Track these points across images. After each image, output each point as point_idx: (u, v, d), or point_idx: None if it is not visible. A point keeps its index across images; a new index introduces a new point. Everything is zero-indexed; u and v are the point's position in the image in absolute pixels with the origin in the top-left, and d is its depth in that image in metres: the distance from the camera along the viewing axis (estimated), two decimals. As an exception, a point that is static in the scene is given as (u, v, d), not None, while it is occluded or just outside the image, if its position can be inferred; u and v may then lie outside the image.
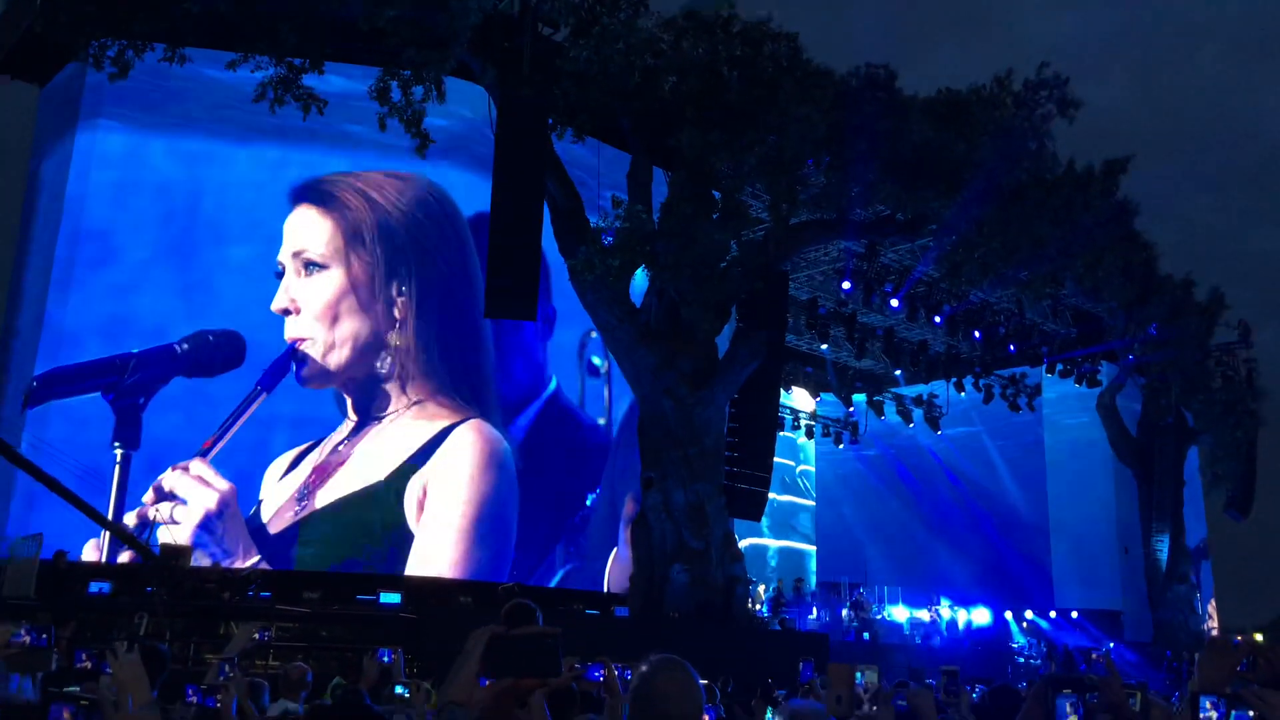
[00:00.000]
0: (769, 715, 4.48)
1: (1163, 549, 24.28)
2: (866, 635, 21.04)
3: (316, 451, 17.57)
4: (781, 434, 26.53)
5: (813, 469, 30.56)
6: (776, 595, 22.21)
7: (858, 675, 3.80)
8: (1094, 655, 20.04)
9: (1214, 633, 25.79)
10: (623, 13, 14.55)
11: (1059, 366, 24.18)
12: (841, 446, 29.61)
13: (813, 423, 29.06)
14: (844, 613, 22.75)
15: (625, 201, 15.45)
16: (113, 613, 11.28)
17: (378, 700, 4.85)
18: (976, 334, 22.41)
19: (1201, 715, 2.68)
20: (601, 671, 4.09)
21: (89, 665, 4.52)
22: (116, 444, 16.76)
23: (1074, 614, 24.73)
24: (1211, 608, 27.23)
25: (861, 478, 30.08)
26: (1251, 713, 2.60)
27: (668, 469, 15.76)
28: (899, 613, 24.14)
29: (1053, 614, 24.84)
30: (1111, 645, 22.28)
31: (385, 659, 5.43)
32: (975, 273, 18.35)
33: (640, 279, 16.26)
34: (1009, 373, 25.87)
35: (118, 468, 16.68)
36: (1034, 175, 16.90)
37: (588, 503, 20.21)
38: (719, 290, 15.57)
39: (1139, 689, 4.81)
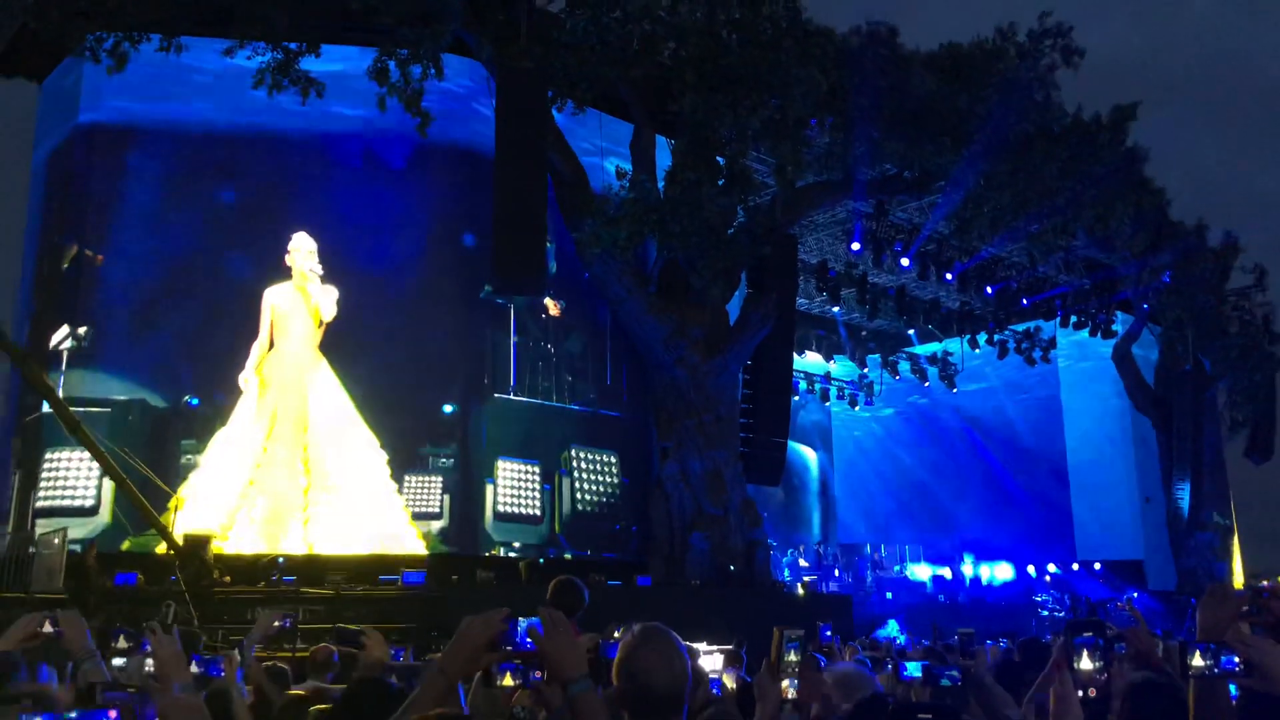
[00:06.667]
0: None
1: (1184, 497, 24.20)
2: (890, 595, 21.09)
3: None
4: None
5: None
6: (797, 559, 22.27)
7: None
8: (1118, 604, 20.07)
9: (1239, 579, 25.77)
10: (618, -21, 14.43)
11: (1073, 318, 24.01)
12: (857, 409, 29.56)
13: (827, 385, 29.00)
14: (867, 574, 22.81)
15: (629, 171, 15.36)
16: (140, 602, 11.39)
17: None
18: (989, 289, 22.27)
19: (1192, 662, 2.67)
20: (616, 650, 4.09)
21: (127, 645, 4.50)
22: None
23: (1096, 565, 24.72)
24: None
25: (878, 439, 30.03)
26: (1237, 658, 2.59)
27: (683, 437, 15.77)
28: (921, 571, 24.17)
29: (1075, 566, 24.83)
30: (1135, 595, 22.28)
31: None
32: (985, 228, 18.21)
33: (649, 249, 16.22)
34: (1023, 327, 25.71)
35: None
36: (1041, 126, 16.72)
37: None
38: (727, 257, 15.50)
39: (1161, 639, 4.79)
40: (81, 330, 16.44)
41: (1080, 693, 3.13)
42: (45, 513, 15.91)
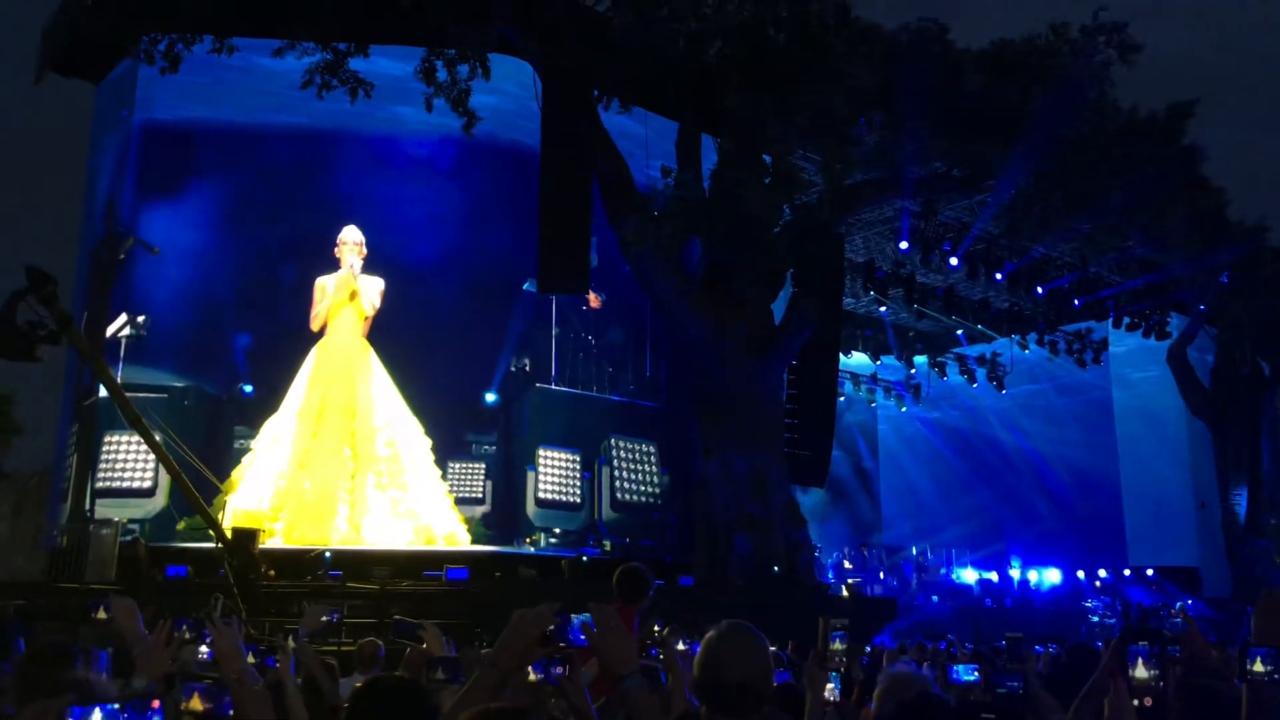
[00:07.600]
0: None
1: (1241, 503, 23.66)
2: (935, 598, 20.86)
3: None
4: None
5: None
6: (841, 561, 22.11)
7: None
8: (1171, 612, 19.65)
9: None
10: (665, -22, 14.40)
11: (1126, 320, 23.52)
12: (904, 409, 29.28)
13: (874, 385, 28.75)
14: (912, 576, 22.57)
15: (674, 170, 15.32)
16: (189, 595, 11.56)
17: None
18: (1039, 290, 21.91)
19: (1252, 668, 2.61)
20: (657, 651, 4.08)
21: (190, 636, 4.56)
22: None
23: (1149, 571, 24.22)
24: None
25: (925, 440, 29.72)
26: None
27: (727, 438, 15.69)
28: (968, 574, 23.86)
29: (1127, 572, 24.35)
30: (1190, 602, 21.79)
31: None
32: (1035, 227, 17.94)
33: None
34: (1074, 328, 25.25)
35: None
36: (1094, 125, 16.41)
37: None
38: (773, 256, 15.41)
39: (1216, 647, 4.67)
40: (140, 319, 16.81)
41: (1136, 701, 3.05)
42: (103, 494, 16.35)
